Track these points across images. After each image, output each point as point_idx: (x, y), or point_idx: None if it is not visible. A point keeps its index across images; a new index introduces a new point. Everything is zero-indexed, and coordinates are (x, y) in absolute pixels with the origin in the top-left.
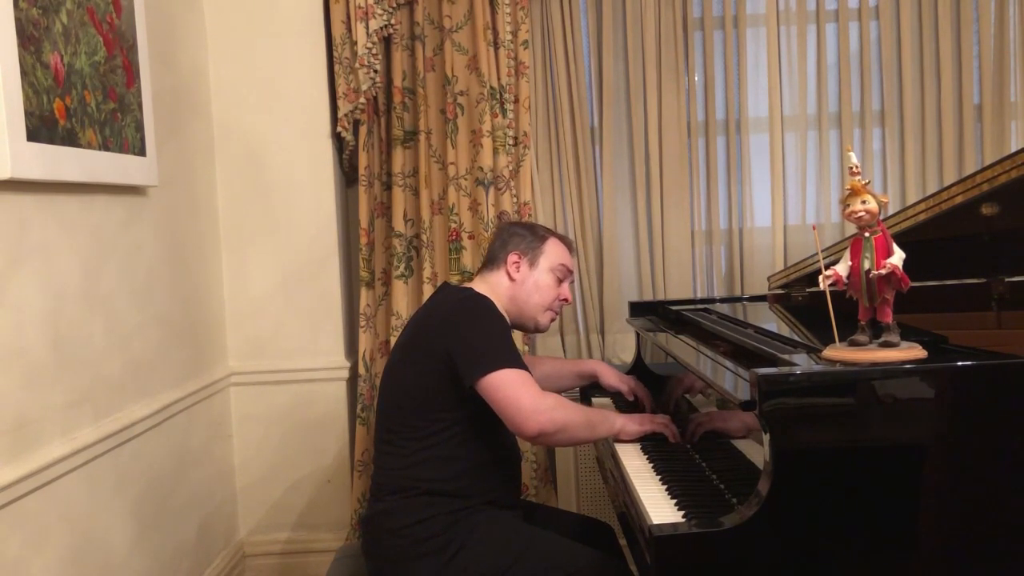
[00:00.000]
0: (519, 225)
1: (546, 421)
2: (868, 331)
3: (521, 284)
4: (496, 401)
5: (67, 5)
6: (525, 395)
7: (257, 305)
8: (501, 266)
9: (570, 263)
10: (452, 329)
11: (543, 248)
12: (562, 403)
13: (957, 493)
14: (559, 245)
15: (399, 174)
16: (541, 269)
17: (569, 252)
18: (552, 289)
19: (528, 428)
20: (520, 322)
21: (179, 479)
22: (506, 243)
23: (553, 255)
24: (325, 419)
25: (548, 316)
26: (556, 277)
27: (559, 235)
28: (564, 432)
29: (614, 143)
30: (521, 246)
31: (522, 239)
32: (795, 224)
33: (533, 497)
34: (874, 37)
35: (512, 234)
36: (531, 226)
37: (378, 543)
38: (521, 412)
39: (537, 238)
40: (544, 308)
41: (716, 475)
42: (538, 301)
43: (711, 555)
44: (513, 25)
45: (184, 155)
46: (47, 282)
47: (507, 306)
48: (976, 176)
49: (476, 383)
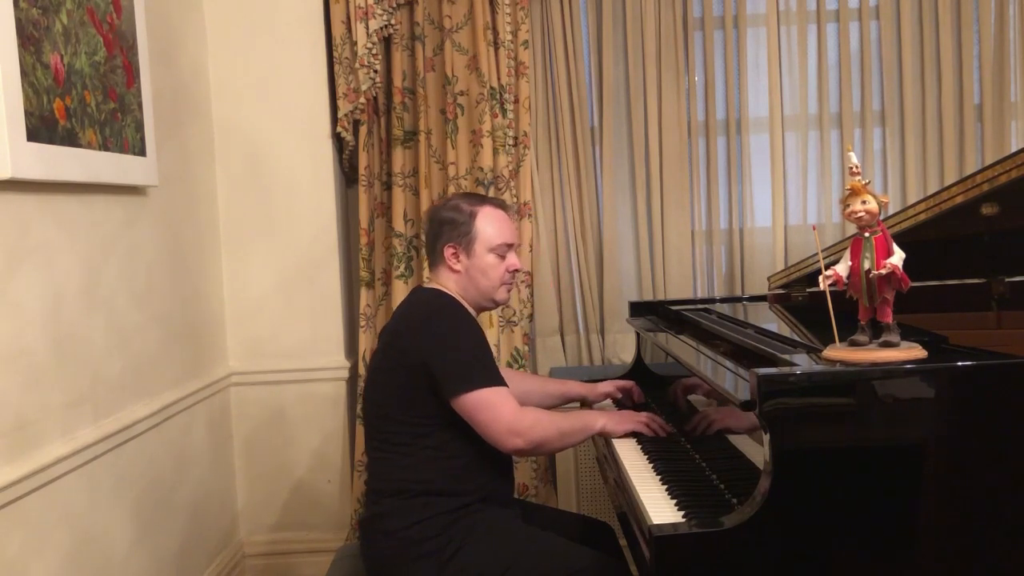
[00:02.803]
0: (445, 208)
1: (522, 443)
2: (868, 331)
3: (465, 273)
4: (474, 421)
5: (67, 5)
6: (502, 416)
7: (257, 305)
8: (441, 261)
9: (509, 232)
10: (428, 343)
11: (474, 231)
12: (539, 421)
13: (957, 493)
14: (491, 218)
15: (399, 174)
16: (479, 254)
17: (505, 214)
18: (497, 267)
19: (504, 447)
20: (479, 306)
21: (179, 479)
22: (438, 235)
23: (487, 234)
24: (325, 419)
25: (504, 291)
26: (498, 255)
27: (489, 202)
28: (540, 448)
29: (614, 143)
30: (453, 236)
31: (452, 227)
32: (795, 224)
33: (533, 497)
34: (874, 37)
35: (441, 224)
36: (455, 206)
37: (376, 545)
38: (498, 433)
39: (466, 221)
40: (496, 287)
41: (716, 475)
42: (487, 284)
43: (711, 555)
44: (513, 25)
45: (184, 155)
46: (47, 282)
47: (461, 296)
48: (976, 176)
49: (453, 401)
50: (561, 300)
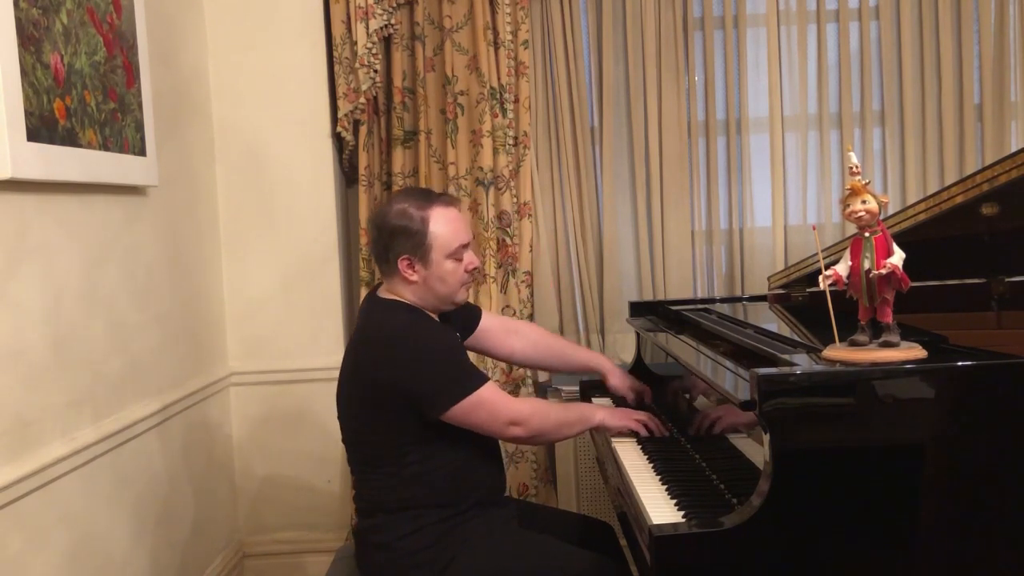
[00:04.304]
0: (393, 215)
1: (521, 431)
2: (868, 331)
3: (423, 283)
4: (470, 424)
5: (67, 5)
6: (498, 410)
7: (257, 305)
8: (395, 272)
9: (464, 232)
10: (399, 373)
11: (429, 238)
12: (537, 410)
13: (957, 493)
14: (444, 219)
15: (399, 174)
16: (436, 262)
17: (457, 211)
18: (456, 272)
19: (504, 437)
20: (437, 309)
21: (179, 479)
22: (388, 246)
23: (443, 240)
24: (325, 419)
25: (463, 292)
26: (455, 259)
27: (439, 201)
28: (539, 438)
29: (614, 143)
30: (407, 247)
31: (405, 237)
32: (795, 224)
33: (533, 497)
34: (874, 37)
35: (392, 234)
36: (404, 212)
37: (369, 556)
38: (498, 426)
39: (419, 229)
40: (455, 291)
41: (716, 475)
42: (446, 291)
43: (711, 555)
44: (513, 25)
45: (184, 155)
46: (47, 282)
47: (420, 303)
48: (976, 176)
49: (442, 416)
50: (561, 300)
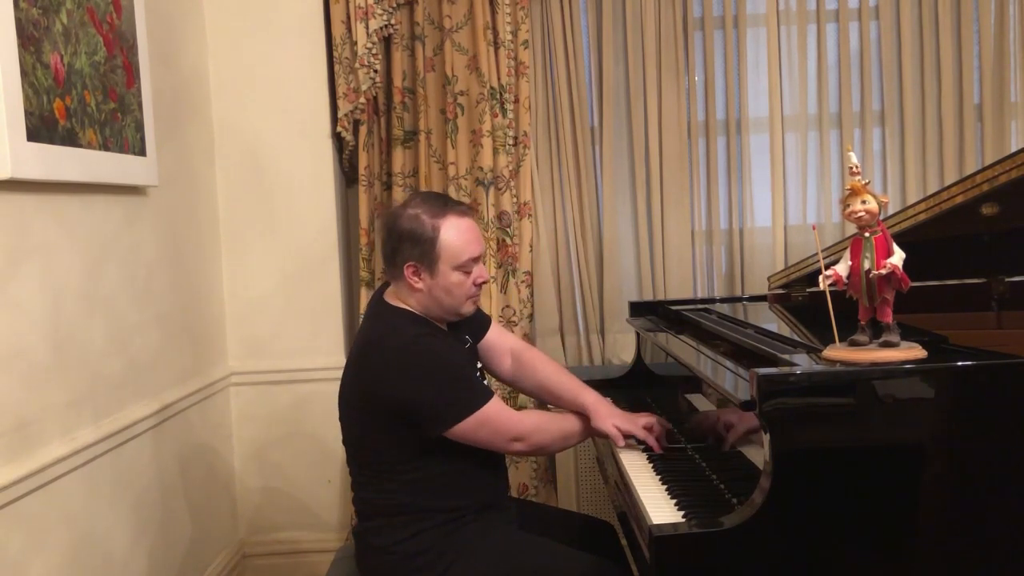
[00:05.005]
0: (405, 219)
1: (524, 447)
2: (868, 331)
3: (428, 292)
4: (475, 441)
5: (67, 5)
6: (502, 428)
7: (257, 305)
8: (401, 277)
9: (476, 245)
10: (404, 391)
11: (438, 249)
12: (540, 426)
13: (957, 493)
14: (456, 230)
15: (399, 174)
16: (443, 273)
17: (471, 221)
18: (463, 284)
19: (507, 452)
20: (442, 318)
21: (179, 479)
22: (396, 249)
23: (452, 251)
24: (325, 419)
25: (470, 304)
26: (464, 272)
27: (453, 210)
28: (542, 451)
29: (614, 143)
30: (414, 255)
31: (413, 244)
32: (795, 224)
33: (533, 497)
34: (874, 37)
35: (400, 238)
36: (416, 217)
37: (369, 559)
38: (501, 443)
39: (429, 238)
40: (461, 303)
41: (716, 475)
42: (452, 302)
43: (711, 555)
44: (513, 25)
45: (184, 155)
46: (47, 282)
47: (424, 312)
48: (976, 176)
49: (447, 433)
50: (561, 300)
